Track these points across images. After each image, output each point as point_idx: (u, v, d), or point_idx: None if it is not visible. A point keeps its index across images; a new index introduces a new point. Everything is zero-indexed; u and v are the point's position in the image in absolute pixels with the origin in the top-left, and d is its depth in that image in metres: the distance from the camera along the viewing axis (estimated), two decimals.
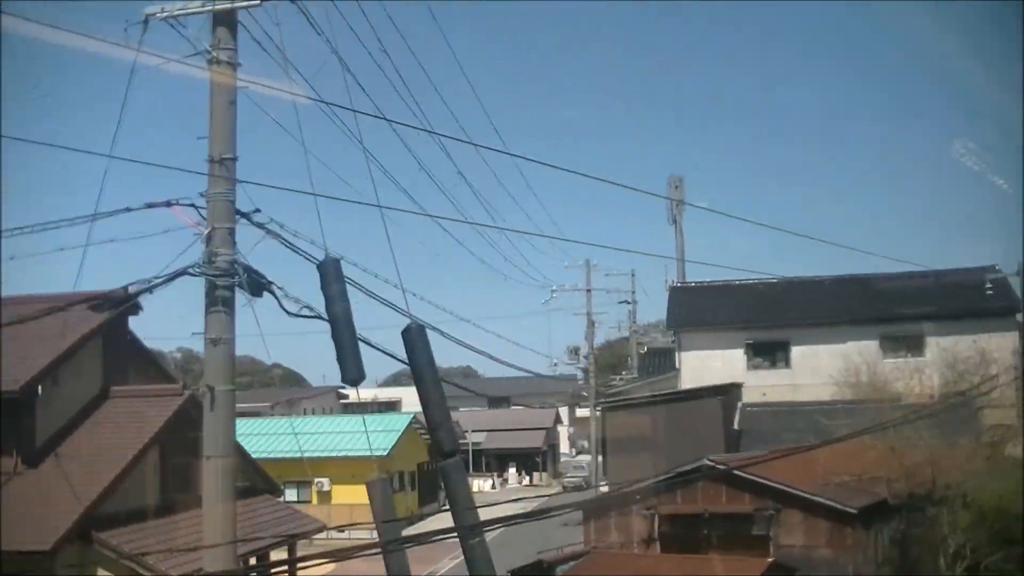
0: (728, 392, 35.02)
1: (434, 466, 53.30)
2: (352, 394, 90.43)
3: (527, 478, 63.14)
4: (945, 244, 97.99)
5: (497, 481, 62.81)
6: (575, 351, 44.05)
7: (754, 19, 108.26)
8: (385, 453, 43.86)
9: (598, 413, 35.50)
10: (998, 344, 41.15)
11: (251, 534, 20.58)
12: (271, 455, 45.72)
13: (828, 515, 22.18)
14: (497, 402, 78.56)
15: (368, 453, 44.47)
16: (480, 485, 62.68)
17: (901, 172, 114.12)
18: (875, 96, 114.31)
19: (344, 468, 44.38)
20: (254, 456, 44.82)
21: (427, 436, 51.45)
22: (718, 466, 23.10)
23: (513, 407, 74.00)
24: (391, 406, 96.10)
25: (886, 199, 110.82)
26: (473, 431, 66.16)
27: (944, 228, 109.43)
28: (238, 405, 10.63)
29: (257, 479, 28.14)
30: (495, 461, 66.22)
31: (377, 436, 45.15)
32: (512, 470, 64.15)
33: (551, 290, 42.84)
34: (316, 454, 44.70)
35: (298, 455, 45.15)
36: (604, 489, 35.34)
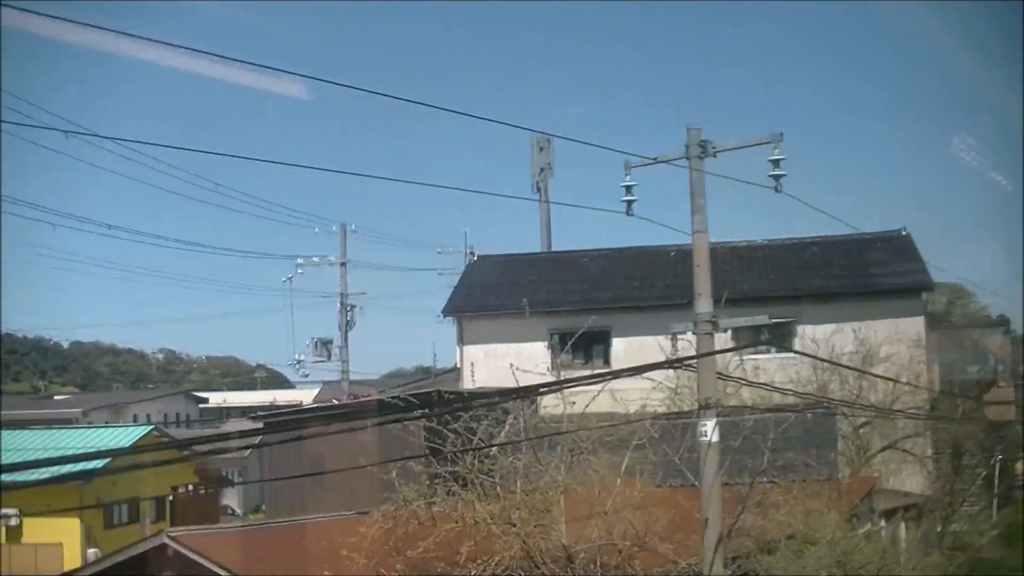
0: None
1: (207, 489, 42.61)
2: (213, 397, 79.87)
3: None
4: (946, 242, 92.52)
5: None
6: (323, 344, 33.39)
7: (753, 17, 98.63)
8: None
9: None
10: (898, 332, 30.27)
11: None
12: None
13: None
14: None
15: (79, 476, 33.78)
16: None
17: (901, 169, 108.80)
18: (874, 94, 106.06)
19: (41, 497, 33.72)
20: None
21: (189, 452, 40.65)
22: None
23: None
24: None
25: (886, 196, 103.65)
26: None
27: (944, 225, 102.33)
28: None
29: None
30: None
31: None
32: None
33: (296, 264, 32.31)
34: None
35: None
36: None
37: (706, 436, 11.81)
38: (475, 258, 34.37)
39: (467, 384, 31.14)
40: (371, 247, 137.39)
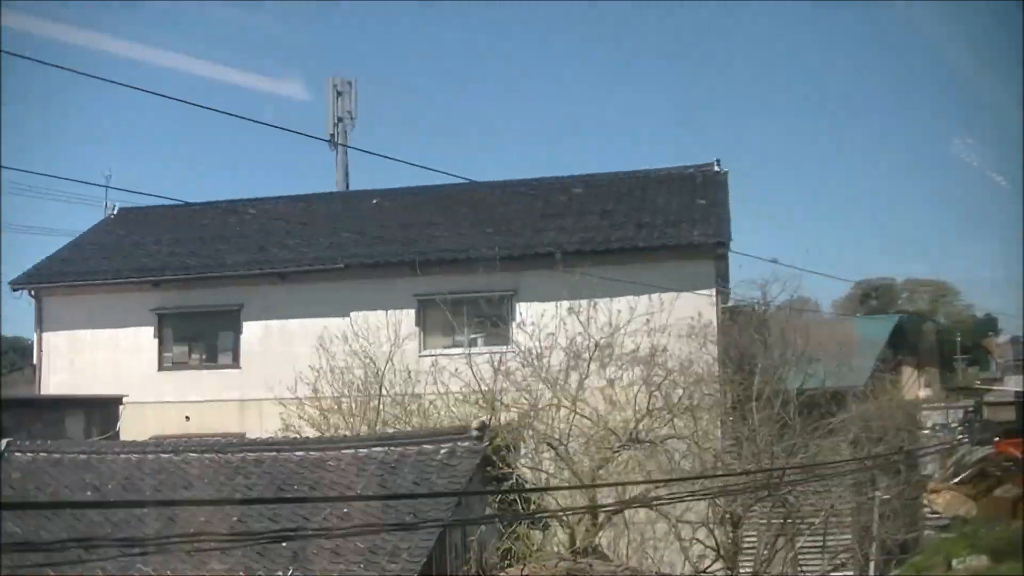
0: None
1: None
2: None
3: None
4: (944, 242, 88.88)
5: None
6: None
7: (753, 15, 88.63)
8: None
9: None
10: (664, 311, 19.36)
11: None
12: None
13: None
14: None
15: None
16: None
17: (900, 169, 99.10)
18: (873, 93, 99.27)
19: None
20: None
21: None
22: None
23: None
24: None
25: (886, 196, 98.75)
26: None
27: (944, 224, 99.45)
28: None
29: None
30: None
31: None
32: None
33: None
34: None
35: None
36: None
37: None
38: (115, 212, 25.02)
39: (46, 386, 21.88)
40: None
